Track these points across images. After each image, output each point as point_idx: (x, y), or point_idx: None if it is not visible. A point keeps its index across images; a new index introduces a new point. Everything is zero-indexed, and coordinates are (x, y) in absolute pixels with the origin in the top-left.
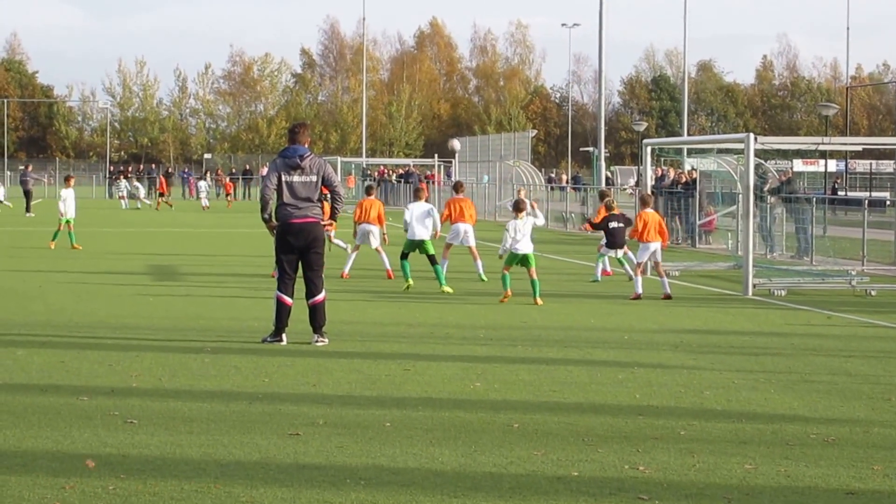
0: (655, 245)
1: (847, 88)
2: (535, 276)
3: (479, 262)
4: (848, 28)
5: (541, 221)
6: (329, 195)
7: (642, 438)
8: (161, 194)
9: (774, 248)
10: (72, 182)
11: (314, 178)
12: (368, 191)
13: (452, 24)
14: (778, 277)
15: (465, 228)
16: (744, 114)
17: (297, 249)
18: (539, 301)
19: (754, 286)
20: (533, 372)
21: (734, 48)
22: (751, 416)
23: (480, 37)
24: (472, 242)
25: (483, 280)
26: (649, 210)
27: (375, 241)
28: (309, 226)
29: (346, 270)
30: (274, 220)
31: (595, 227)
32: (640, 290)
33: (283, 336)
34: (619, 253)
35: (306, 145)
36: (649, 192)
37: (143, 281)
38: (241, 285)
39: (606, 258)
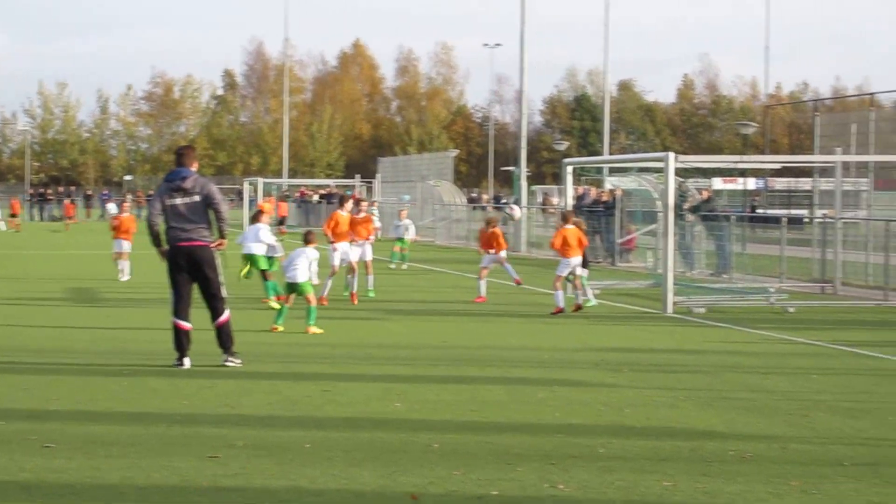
0: (575, 260)
1: (766, 107)
2: (312, 304)
3: (371, 277)
4: (767, 47)
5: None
6: (214, 216)
7: (562, 457)
8: (69, 217)
9: (694, 265)
10: None
11: (197, 199)
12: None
13: (376, 45)
14: (697, 295)
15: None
16: (662, 132)
17: (187, 272)
18: (311, 330)
19: (674, 304)
20: (453, 391)
21: (655, 67)
22: (670, 433)
23: (404, 57)
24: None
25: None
26: (569, 226)
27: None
28: (196, 249)
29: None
30: (164, 244)
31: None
32: (561, 305)
33: (186, 360)
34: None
35: (193, 168)
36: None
37: (61, 304)
38: (161, 308)
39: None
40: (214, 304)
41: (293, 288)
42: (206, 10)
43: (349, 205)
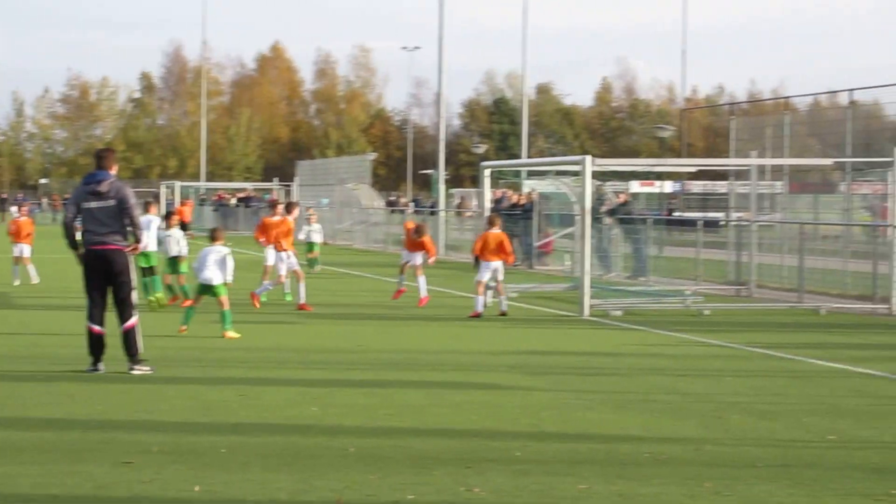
0: (496, 264)
1: (682, 111)
2: (225, 307)
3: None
4: (684, 51)
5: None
6: (128, 220)
7: (478, 460)
8: None
9: (611, 268)
10: None
11: (112, 203)
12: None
13: (295, 48)
14: (614, 298)
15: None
16: (581, 136)
17: (101, 276)
18: (228, 334)
19: (591, 307)
20: (370, 396)
21: (574, 71)
22: (585, 436)
23: (322, 60)
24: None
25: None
26: (494, 231)
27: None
28: (109, 253)
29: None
30: (81, 247)
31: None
32: (479, 309)
33: (100, 365)
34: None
35: (112, 171)
36: (487, 213)
37: None
38: (75, 312)
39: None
40: (123, 308)
41: (207, 290)
42: (123, 11)
43: (296, 211)
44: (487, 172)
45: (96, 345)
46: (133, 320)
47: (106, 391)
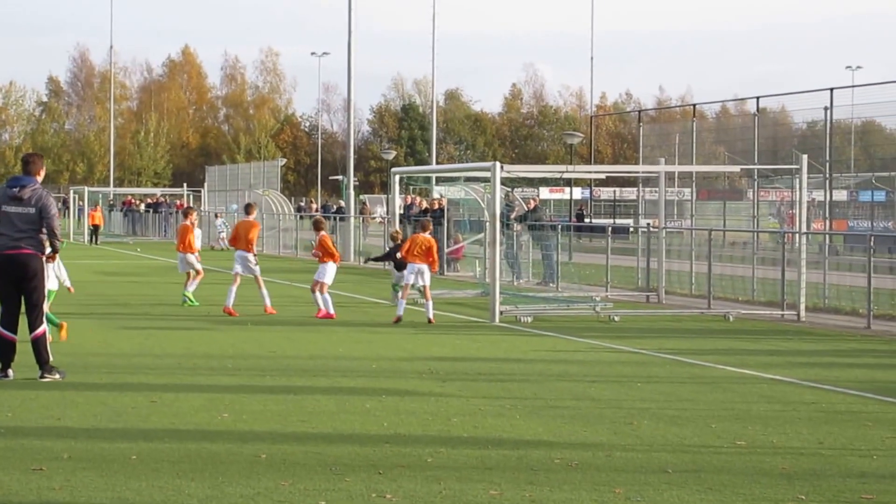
0: (420, 266)
1: (591, 117)
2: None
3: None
4: (592, 58)
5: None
6: (46, 228)
7: (390, 466)
8: None
9: (521, 275)
10: None
11: (32, 210)
12: (248, 210)
13: (204, 53)
14: (524, 304)
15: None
16: (492, 143)
17: (13, 282)
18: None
19: (501, 313)
20: (281, 402)
21: (482, 77)
22: (497, 442)
23: (230, 65)
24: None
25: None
26: (424, 234)
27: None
28: (22, 257)
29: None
30: None
31: (385, 258)
32: (400, 313)
33: (9, 371)
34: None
35: (38, 177)
36: (398, 220)
37: None
38: None
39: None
40: (34, 315)
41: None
42: (29, 13)
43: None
44: (397, 178)
45: (7, 351)
46: (42, 328)
47: (13, 398)
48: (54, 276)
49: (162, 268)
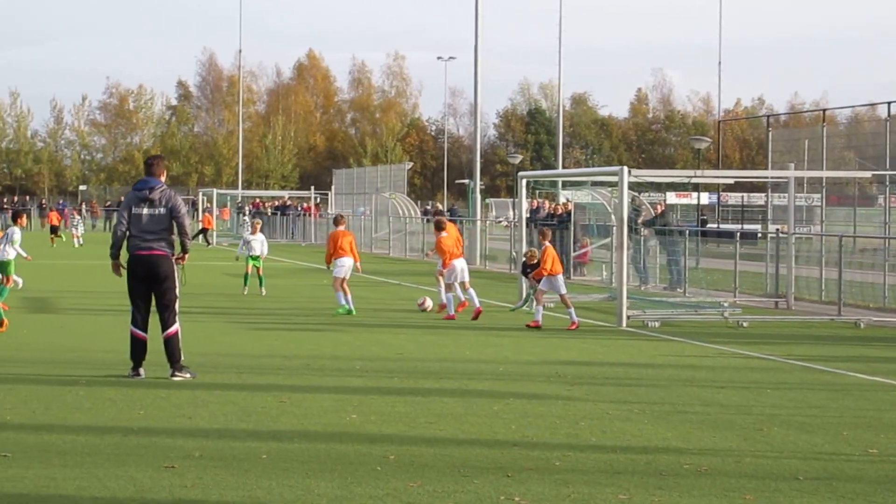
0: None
1: (719, 122)
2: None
3: (349, 296)
4: (720, 63)
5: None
6: (177, 229)
7: (518, 469)
8: (54, 228)
9: (648, 279)
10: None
11: (163, 211)
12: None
13: (330, 57)
14: (652, 309)
15: (349, 262)
16: (618, 147)
17: (144, 282)
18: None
19: (628, 318)
20: (409, 403)
21: (609, 82)
22: (625, 446)
23: (357, 69)
24: (348, 275)
25: (352, 313)
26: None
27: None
28: (155, 258)
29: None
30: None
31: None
32: (538, 318)
33: (141, 370)
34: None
35: (161, 178)
36: (524, 224)
37: (17, 314)
38: (117, 318)
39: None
40: (166, 315)
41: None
42: (159, 20)
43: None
44: (524, 182)
45: (139, 350)
46: (175, 328)
47: (146, 397)
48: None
49: (289, 270)
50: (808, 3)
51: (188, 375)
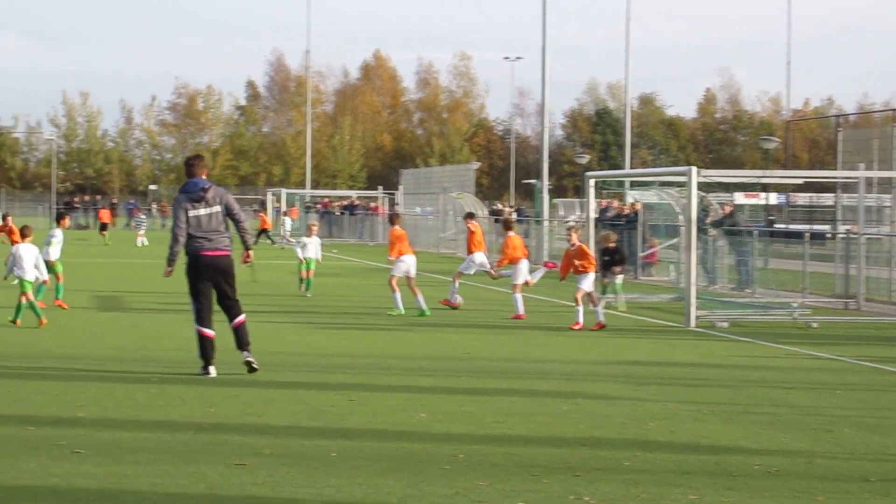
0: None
1: (788, 122)
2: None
3: (420, 296)
4: (789, 62)
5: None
6: (235, 225)
7: (587, 469)
8: (104, 226)
9: (716, 280)
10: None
11: (218, 209)
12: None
13: (397, 57)
14: (720, 309)
15: (411, 260)
16: (686, 147)
17: (212, 280)
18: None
19: (697, 318)
20: (477, 403)
21: (676, 82)
22: (694, 447)
23: (424, 69)
24: (414, 274)
25: (425, 314)
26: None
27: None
28: (221, 258)
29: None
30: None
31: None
32: (601, 319)
33: (211, 368)
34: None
35: (204, 177)
36: (592, 224)
37: (87, 312)
38: (186, 317)
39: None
40: (233, 307)
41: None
42: (228, 20)
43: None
44: (592, 182)
45: (208, 348)
46: (244, 315)
47: (216, 394)
48: (31, 267)
49: (357, 269)
50: (879, 2)
51: (252, 359)
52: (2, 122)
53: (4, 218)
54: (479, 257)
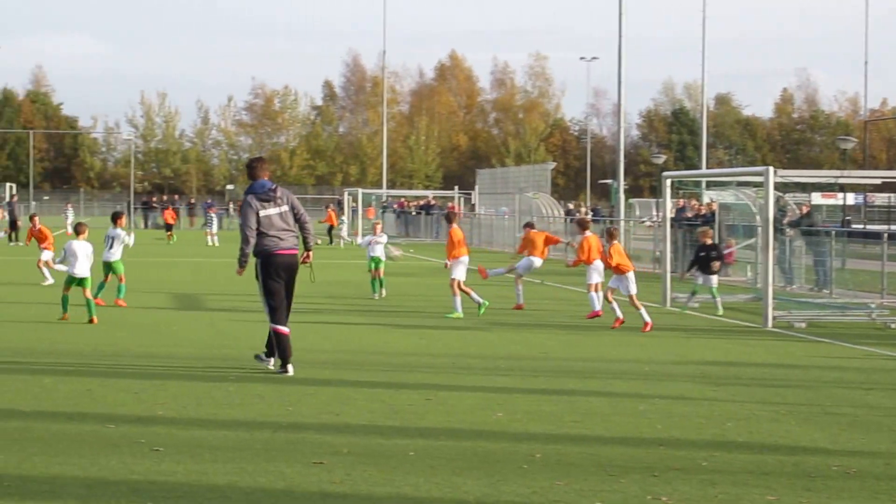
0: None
1: (866, 122)
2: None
3: (473, 293)
4: (866, 62)
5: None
6: (300, 226)
7: (664, 469)
8: (169, 227)
9: (793, 280)
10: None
11: (287, 209)
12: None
13: (472, 58)
14: (798, 310)
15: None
16: (762, 147)
17: (284, 280)
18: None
19: (774, 318)
20: (554, 402)
21: (753, 82)
22: (772, 447)
23: (499, 69)
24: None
25: (486, 305)
26: (588, 233)
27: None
28: (295, 257)
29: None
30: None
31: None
32: (647, 319)
33: (289, 367)
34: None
35: (266, 178)
36: (669, 224)
37: (166, 311)
38: (261, 316)
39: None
40: (288, 307)
41: (75, 281)
42: (303, 22)
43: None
44: (668, 182)
45: (285, 346)
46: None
47: (294, 393)
48: (85, 263)
49: (434, 269)
50: None
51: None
52: (81, 122)
53: (31, 219)
54: (536, 261)
